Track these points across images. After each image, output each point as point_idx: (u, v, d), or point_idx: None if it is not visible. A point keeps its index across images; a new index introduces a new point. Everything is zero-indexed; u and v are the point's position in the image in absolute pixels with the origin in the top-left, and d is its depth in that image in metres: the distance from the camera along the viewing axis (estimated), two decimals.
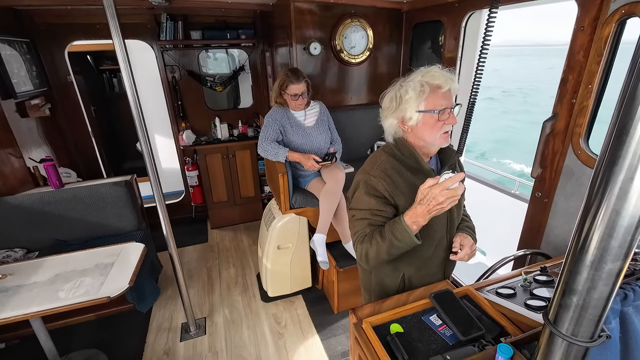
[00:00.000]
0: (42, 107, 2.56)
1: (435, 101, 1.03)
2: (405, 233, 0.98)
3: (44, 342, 1.84)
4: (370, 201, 1.09)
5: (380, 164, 1.11)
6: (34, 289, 1.58)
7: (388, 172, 1.09)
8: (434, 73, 1.04)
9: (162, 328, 2.35)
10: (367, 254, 1.08)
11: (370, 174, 1.10)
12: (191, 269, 3.02)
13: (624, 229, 0.45)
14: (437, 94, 1.03)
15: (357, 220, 1.12)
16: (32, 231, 2.25)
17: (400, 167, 1.10)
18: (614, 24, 1.21)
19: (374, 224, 1.09)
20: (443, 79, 1.03)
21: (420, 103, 1.03)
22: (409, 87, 1.04)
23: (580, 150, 1.39)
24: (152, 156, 1.80)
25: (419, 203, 0.95)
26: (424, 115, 1.04)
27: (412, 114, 1.05)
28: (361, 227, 1.10)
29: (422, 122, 1.05)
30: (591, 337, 0.54)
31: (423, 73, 1.05)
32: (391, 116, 1.11)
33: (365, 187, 1.10)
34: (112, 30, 1.51)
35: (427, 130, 1.06)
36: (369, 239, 1.06)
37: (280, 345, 2.19)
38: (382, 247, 1.03)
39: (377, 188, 1.08)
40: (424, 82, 1.03)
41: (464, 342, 0.92)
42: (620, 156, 0.42)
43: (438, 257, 1.21)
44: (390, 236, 1.01)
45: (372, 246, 1.05)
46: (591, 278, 0.50)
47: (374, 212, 1.09)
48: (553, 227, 1.58)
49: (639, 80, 0.39)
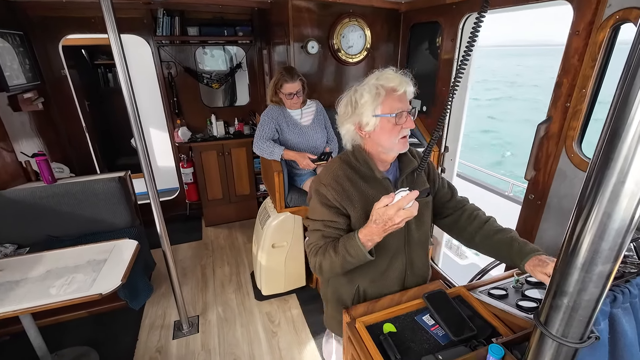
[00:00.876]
0: (35, 101, 2.52)
1: (392, 104, 1.00)
2: (359, 250, 0.96)
3: (34, 338, 1.82)
4: (323, 211, 1.06)
5: (333, 171, 1.08)
6: (24, 285, 1.56)
7: (340, 181, 1.06)
8: (389, 75, 1.01)
9: (155, 326, 2.34)
10: (321, 266, 1.05)
11: (322, 182, 1.08)
12: (185, 266, 3.00)
13: (615, 232, 0.45)
14: (392, 96, 1.00)
15: (311, 231, 1.10)
16: (23, 227, 2.22)
17: (353, 176, 1.08)
18: (608, 29, 1.23)
19: (327, 236, 1.06)
20: (398, 81, 1.00)
21: (377, 107, 1.00)
22: (364, 90, 1.01)
23: (574, 154, 1.41)
24: (147, 153, 1.79)
25: (374, 222, 0.91)
26: (381, 120, 1.01)
27: (368, 118, 1.01)
28: (315, 238, 1.08)
29: (380, 126, 1.02)
30: (581, 338, 0.55)
31: (377, 76, 1.02)
32: (347, 122, 1.07)
33: (317, 196, 1.08)
34: (108, 25, 1.49)
35: (385, 135, 1.02)
36: (323, 252, 1.04)
37: (274, 344, 2.19)
38: (336, 261, 1.01)
39: (328, 197, 1.05)
40: (379, 85, 1.00)
41: (456, 342, 0.93)
42: (612, 160, 0.42)
43: (395, 269, 1.16)
44: (343, 252, 0.98)
45: (326, 259, 1.02)
46: (582, 280, 0.50)
47: (327, 224, 1.06)
48: (545, 229, 1.60)
49: (632, 86, 0.39)
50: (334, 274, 1.07)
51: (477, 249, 1.19)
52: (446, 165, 2.32)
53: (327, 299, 1.30)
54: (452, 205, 1.24)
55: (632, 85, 0.40)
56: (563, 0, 1.39)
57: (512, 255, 1.05)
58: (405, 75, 1.03)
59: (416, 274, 1.22)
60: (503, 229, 1.14)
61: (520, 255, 1.02)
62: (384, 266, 1.14)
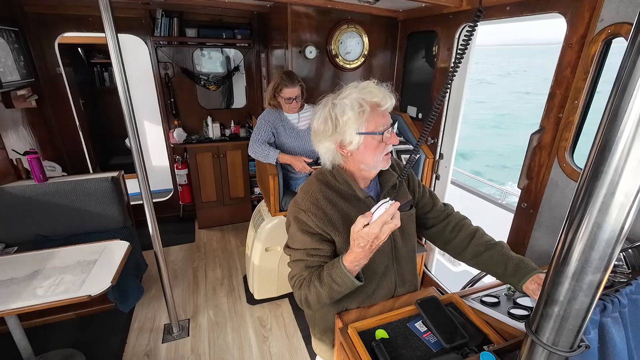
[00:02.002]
0: (29, 98, 2.49)
1: (377, 121, 0.93)
2: (346, 277, 0.90)
3: (19, 340, 1.78)
4: (304, 239, 0.98)
5: (311, 194, 1.00)
6: (10, 285, 1.53)
7: (319, 204, 0.98)
8: (372, 89, 0.94)
9: (144, 329, 2.30)
10: (308, 300, 0.98)
11: (301, 207, 1.00)
12: (176, 269, 2.97)
13: (605, 242, 0.46)
14: (377, 112, 0.93)
15: (294, 262, 1.02)
16: (11, 225, 2.18)
17: (333, 197, 1.00)
18: (600, 42, 1.25)
19: (311, 266, 0.99)
20: (382, 96, 0.93)
21: (361, 124, 0.92)
22: (345, 106, 0.92)
23: (566, 164, 1.43)
24: (141, 153, 1.77)
25: (358, 247, 0.85)
26: (365, 138, 0.94)
27: (352, 137, 0.93)
28: (298, 270, 1.00)
29: (364, 145, 0.95)
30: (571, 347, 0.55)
31: (359, 89, 0.94)
32: (327, 140, 0.97)
33: (296, 223, 1.00)
34: (105, 24, 1.48)
35: (369, 153, 0.96)
36: (307, 284, 0.96)
37: (265, 349, 2.17)
38: (322, 292, 0.94)
39: (309, 224, 0.98)
40: (362, 101, 0.92)
41: (448, 350, 0.93)
42: (602, 171, 0.43)
43: (384, 288, 1.11)
44: (329, 281, 0.92)
45: (311, 292, 0.95)
46: (572, 289, 0.51)
47: (310, 252, 0.99)
48: (537, 238, 1.61)
49: (622, 99, 0.40)
50: (322, 304, 0.99)
51: (467, 263, 1.15)
52: (441, 172, 2.34)
53: (314, 323, 1.24)
54: (435, 215, 1.18)
55: (622, 98, 0.40)
56: (556, 14, 1.42)
57: (506, 276, 1.01)
58: (386, 88, 0.97)
59: (407, 289, 1.18)
60: (492, 244, 1.09)
61: (516, 276, 0.98)
62: (372, 287, 1.10)
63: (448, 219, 1.18)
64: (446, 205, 1.23)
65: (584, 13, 1.30)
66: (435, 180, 2.37)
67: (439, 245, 1.22)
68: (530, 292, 0.95)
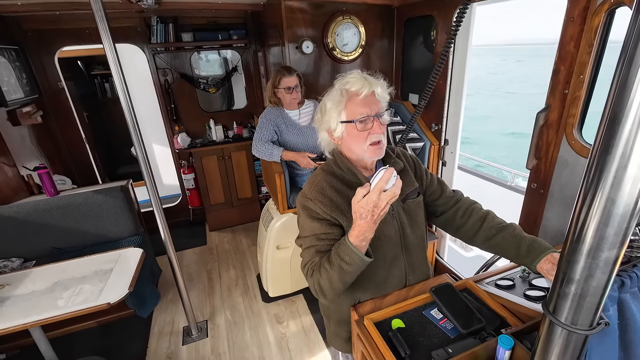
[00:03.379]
0: (34, 115, 2.53)
1: (355, 109, 0.95)
2: (354, 254, 0.88)
3: (44, 351, 1.83)
4: (313, 225, 0.99)
5: (317, 184, 1.02)
6: (32, 298, 1.57)
7: (326, 193, 1.00)
8: (350, 79, 0.96)
9: (164, 332, 2.34)
10: (321, 286, 0.95)
11: (307, 197, 1.02)
12: (191, 272, 3.01)
13: (620, 217, 0.45)
14: (355, 101, 0.95)
15: (305, 250, 1.02)
16: (28, 240, 2.23)
17: (339, 185, 1.02)
18: (603, 13, 1.22)
19: (321, 251, 0.98)
20: (360, 84, 0.94)
21: (341, 112, 0.96)
22: (329, 96, 0.99)
23: (574, 140, 1.40)
24: (147, 160, 1.79)
25: (360, 218, 0.85)
26: (346, 126, 0.97)
27: (335, 124, 0.98)
28: (309, 257, 0.99)
29: (347, 133, 0.98)
30: (590, 325, 0.55)
31: (341, 79, 0.98)
32: (321, 129, 1.04)
33: (304, 211, 1.01)
34: (102, 35, 1.49)
35: (353, 142, 0.98)
36: (318, 269, 0.95)
37: (283, 345, 2.20)
38: (333, 275, 0.92)
39: (317, 211, 0.99)
40: (342, 90, 0.96)
41: (465, 335, 0.93)
42: (613, 145, 0.42)
43: (395, 277, 1.11)
44: (338, 261, 0.90)
45: (323, 276, 0.93)
46: (588, 267, 0.50)
47: (319, 237, 0.99)
48: (549, 218, 1.59)
49: (629, 70, 0.39)
50: (336, 291, 0.96)
51: (479, 248, 1.14)
52: (447, 159, 2.31)
53: (329, 315, 1.24)
54: (444, 202, 1.17)
55: (629, 68, 0.39)
56: None
57: (519, 257, 1.00)
58: (374, 76, 0.97)
59: (418, 277, 1.17)
60: (504, 226, 1.07)
61: (530, 257, 0.96)
62: (383, 276, 1.10)
63: (457, 204, 1.17)
64: (455, 192, 1.21)
65: None
66: (441, 166, 2.35)
67: (450, 231, 1.20)
68: (544, 272, 0.93)
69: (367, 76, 0.97)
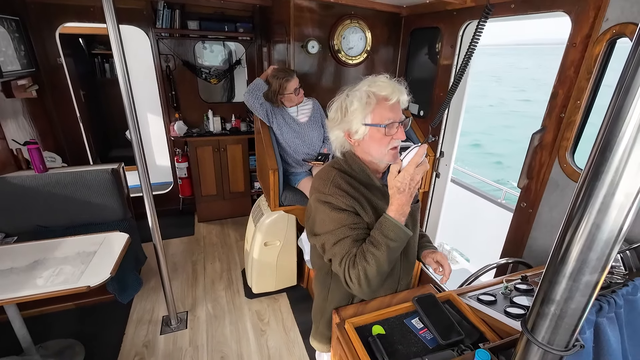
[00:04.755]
0: (29, 88, 2.48)
1: (383, 114, 0.96)
2: (398, 229, 0.91)
3: (18, 329, 1.79)
4: (340, 217, 0.97)
5: (332, 180, 1.01)
6: (10, 274, 1.53)
7: (343, 187, 0.99)
8: (381, 83, 0.97)
9: (143, 320, 2.32)
10: (367, 274, 0.92)
11: (326, 193, 1.00)
12: (176, 261, 2.98)
13: (603, 242, 0.46)
14: (384, 106, 0.96)
15: (336, 244, 0.97)
16: (11, 215, 2.19)
17: (353, 182, 1.02)
18: (604, 42, 1.25)
19: (358, 239, 0.97)
20: (390, 90, 0.96)
21: (367, 115, 0.96)
22: (354, 97, 0.97)
23: (566, 164, 1.43)
24: (142, 145, 1.77)
25: (400, 192, 0.90)
26: (370, 129, 0.97)
27: (357, 126, 0.98)
28: (345, 249, 0.96)
29: (369, 136, 0.98)
30: (566, 346, 0.56)
31: (370, 82, 0.98)
32: (337, 128, 1.03)
33: (326, 206, 0.99)
34: (107, 14, 1.47)
35: (374, 145, 0.99)
36: (362, 257, 0.93)
37: (262, 342, 2.19)
38: (381, 256, 0.91)
39: (340, 204, 0.98)
40: (371, 93, 0.96)
41: (444, 346, 0.94)
42: (603, 172, 0.43)
43: (390, 280, 1.14)
44: (384, 240, 0.91)
45: (370, 262, 0.91)
46: (569, 289, 0.51)
47: (351, 227, 0.97)
48: (536, 237, 1.62)
49: (625, 100, 0.40)
50: (382, 275, 0.94)
51: None
52: (441, 170, 2.33)
53: (323, 313, 1.22)
54: None
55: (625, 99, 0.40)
56: (561, 12, 1.41)
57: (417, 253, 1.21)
58: (399, 83, 0.99)
59: (407, 282, 1.21)
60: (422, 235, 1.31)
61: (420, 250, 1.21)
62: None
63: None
64: None
65: (589, 12, 1.29)
66: (435, 178, 2.37)
67: None
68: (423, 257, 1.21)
69: (395, 82, 0.98)
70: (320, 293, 1.22)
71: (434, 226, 2.47)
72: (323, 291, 1.20)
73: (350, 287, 0.96)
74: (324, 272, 1.18)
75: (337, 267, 0.98)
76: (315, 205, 1.03)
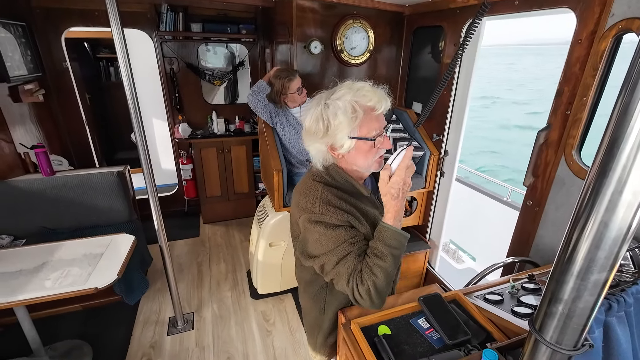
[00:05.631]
0: (36, 93, 2.52)
1: (370, 125, 0.91)
2: (399, 235, 0.88)
3: (27, 331, 1.81)
4: (337, 234, 0.92)
5: (321, 197, 0.95)
6: (19, 277, 1.56)
7: (332, 203, 0.94)
8: (367, 93, 0.90)
9: (150, 321, 2.33)
10: (377, 288, 0.87)
11: (317, 212, 0.94)
12: (181, 263, 3.00)
13: (611, 241, 0.46)
14: (371, 117, 0.91)
15: (338, 264, 0.91)
16: (20, 218, 2.22)
17: (341, 194, 0.97)
18: (610, 38, 1.23)
19: (359, 253, 0.92)
20: (377, 99, 0.91)
21: (354, 129, 0.90)
22: (337, 109, 0.90)
23: (573, 161, 1.41)
24: (147, 147, 1.78)
25: (394, 198, 0.87)
26: (357, 142, 0.92)
27: (343, 140, 0.91)
28: (350, 267, 0.90)
29: (355, 148, 0.93)
30: (575, 345, 0.55)
31: (353, 91, 0.91)
32: (318, 142, 0.95)
33: (319, 226, 0.93)
34: (111, 18, 1.49)
35: (361, 157, 0.95)
36: (369, 271, 0.88)
37: (268, 343, 2.19)
38: (388, 266, 0.87)
39: (333, 222, 0.92)
40: (356, 104, 0.89)
41: (450, 346, 0.93)
42: (610, 169, 0.43)
43: None
44: (388, 250, 0.88)
45: (378, 275, 0.87)
46: (577, 288, 0.51)
47: (351, 242, 0.92)
48: (542, 236, 1.60)
49: (632, 96, 0.40)
50: (389, 284, 0.91)
51: None
52: (445, 169, 2.32)
53: (320, 326, 1.18)
54: None
55: (632, 95, 0.40)
56: (566, 9, 1.40)
57: None
58: (382, 90, 0.94)
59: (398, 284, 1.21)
60: None
61: None
62: None
63: None
64: None
65: (594, 8, 1.28)
66: (440, 177, 2.36)
67: None
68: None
69: (378, 89, 0.94)
70: (313, 308, 1.17)
71: (439, 225, 2.46)
72: (317, 306, 1.15)
73: (361, 303, 0.91)
74: (317, 287, 1.13)
75: (343, 287, 0.92)
76: (306, 226, 0.96)
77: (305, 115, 0.98)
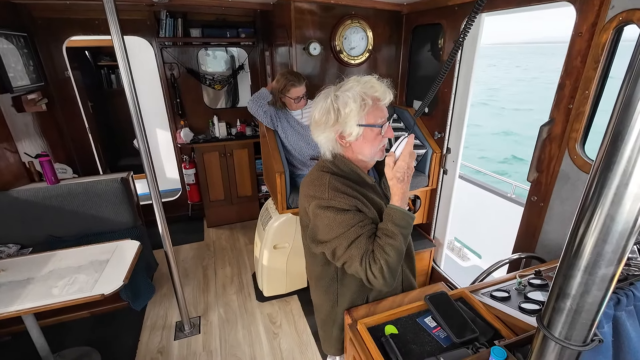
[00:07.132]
0: (39, 102, 2.54)
1: (377, 114, 0.99)
2: (406, 215, 0.96)
3: (36, 338, 1.82)
4: (346, 217, 0.96)
5: (329, 185, 1.00)
6: (27, 285, 1.57)
7: (341, 189, 0.99)
8: (374, 84, 0.99)
9: (157, 326, 2.34)
10: (389, 266, 0.92)
11: (326, 198, 0.99)
12: (187, 267, 3.01)
13: (618, 234, 0.45)
14: (377, 106, 0.99)
15: (350, 246, 0.96)
16: (26, 227, 2.23)
17: (349, 183, 1.03)
18: (611, 30, 1.22)
19: (370, 235, 0.97)
20: (382, 91, 0.99)
21: (362, 117, 0.97)
22: (348, 99, 0.96)
23: (576, 155, 1.40)
24: (149, 154, 1.79)
25: (400, 181, 0.97)
26: (364, 130, 0.99)
27: (352, 128, 0.98)
28: (362, 248, 0.95)
29: (363, 136, 1.00)
30: (584, 341, 0.54)
31: (361, 84, 0.99)
32: (328, 130, 1.01)
33: (329, 211, 0.98)
34: (111, 26, 1.50)
35: (367, 145, 1.01)
36: (381, 250, 0.93)
37: (275, 345, 2.19)
38: (399, 245, 0.93)
39: (342, 206, 0.97)
40: (364, 94, 0.97)
41: (458, 345, 0.92)
42: (615, 162, 0.42)
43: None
44: (397, 229, 0.94)
45: (390, 253, 0.92)
46: (585, 282, 0.50)
47: (361, 225, 0.97)
48: (548, 231, 1.59)
49: (635, 88, 0.39)
50: (400, 261, 0.97)
51: None
52: (448, 167, 2.31)
53: (334, 319, 1.20)
54: None
55: (635, 87, 0.39)
56: (566, 2, 1.39)
57: None
58: (386, 83, 1.02)
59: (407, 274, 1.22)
60: None
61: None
62: None
63: None
64: None
65: (594, 0, 1.27)
66: (442, 174, 2.35)
67: None
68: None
69: (383, 82, 1.02)
70: (325, 302, 1.19)
71: (444, 223, 2.45)
72: (329, 299, 1.17)
73: (373, 282, 0.95)
74: (327, 279, 1.15)
75: (357, 268, 0.96)
76: (315, 212, 1.01)
77: (313, 110, 1.05)
